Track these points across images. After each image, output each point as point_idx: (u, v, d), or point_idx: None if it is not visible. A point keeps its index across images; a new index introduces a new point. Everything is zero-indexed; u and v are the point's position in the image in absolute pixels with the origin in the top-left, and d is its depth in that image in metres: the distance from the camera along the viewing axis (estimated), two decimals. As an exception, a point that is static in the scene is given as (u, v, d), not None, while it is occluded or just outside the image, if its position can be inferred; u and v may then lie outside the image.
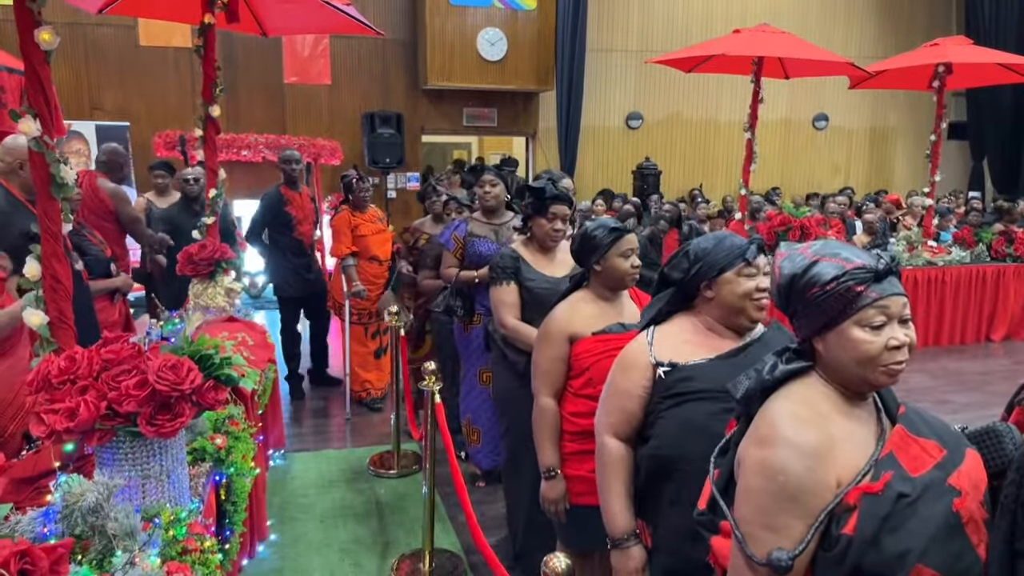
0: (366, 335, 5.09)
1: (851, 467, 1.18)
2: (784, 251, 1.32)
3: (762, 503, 1.18)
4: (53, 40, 2.08)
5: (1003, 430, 1.31)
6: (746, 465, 1.23)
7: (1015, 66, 6.92)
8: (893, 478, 1.16)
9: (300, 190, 5.20)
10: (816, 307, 1.22)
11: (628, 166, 10.72)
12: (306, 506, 3.68)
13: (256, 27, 4.06)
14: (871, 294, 1.19)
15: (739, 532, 1.21)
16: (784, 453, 1.17)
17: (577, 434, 2.19)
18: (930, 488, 1.16)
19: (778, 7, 10.96)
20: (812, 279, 1.22)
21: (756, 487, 1.20)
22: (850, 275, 1.19)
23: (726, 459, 1.33)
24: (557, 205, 2.87)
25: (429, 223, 4.72)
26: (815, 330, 1.25)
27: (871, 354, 1.18)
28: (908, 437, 1.22)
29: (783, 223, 6.51)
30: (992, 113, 11.35)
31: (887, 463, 1.18)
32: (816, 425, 1.20)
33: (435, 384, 2.84)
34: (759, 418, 1.26)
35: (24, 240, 2.75)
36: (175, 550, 1.58)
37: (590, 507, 2.10)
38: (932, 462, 1.19)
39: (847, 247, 1.26)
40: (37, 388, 1.61)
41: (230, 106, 8.38)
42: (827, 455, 1.17)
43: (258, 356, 3.25)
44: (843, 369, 1.22)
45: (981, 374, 6.20)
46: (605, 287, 2.29)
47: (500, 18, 9.29)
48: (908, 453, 1.20)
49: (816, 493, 1.16)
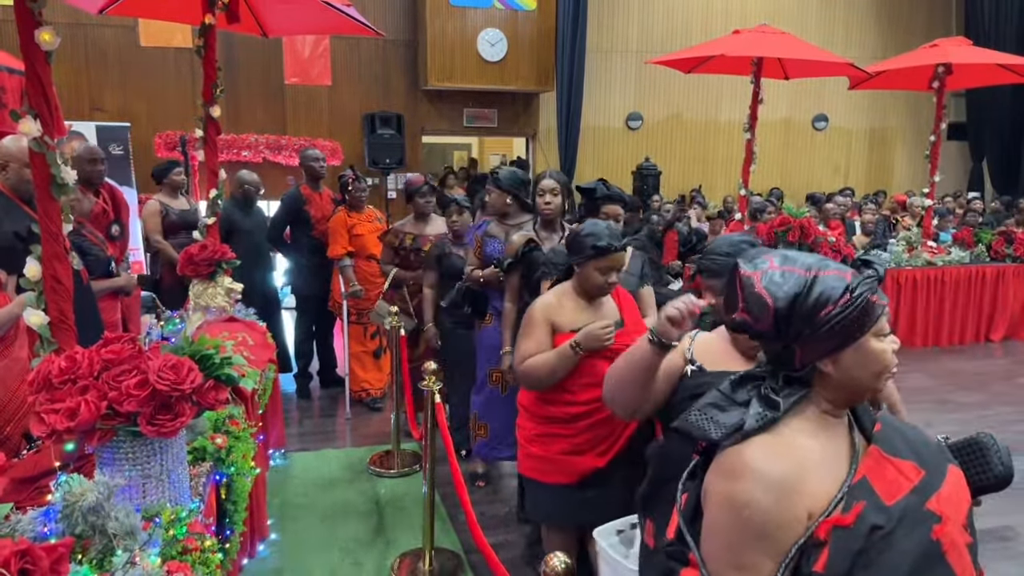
0: (365, 335, 5.10)
1: (822, 495, 1.09)
2: (750, 271, 1.15)
3: (728, 539, 1.10)
4: (54, 40, 2.09)
5: (987, 443, 1.25)
6: (711, 499, 1.14)
7: (1015, 67, 6.92)
8: (866, 509, 1.07)
9: (321, 190, 5.26)
10: (833, 327, 1.09)
11: (628, 167, 10.72)
12: (306, 505, 3.69)
13: (256, 28, 4.06)
14: (880, 301, 1.11)
15: (704, 570, 1.13)
16: (750, 486, 1.08)
17: (545, 418, 2.38)
18: (907, 516, 1.08)
19: (778, 7, 10.96)
20: (822, 297, 1.09)
21: (721, 523, 1.11)
22: (863, 286, 1.10)
23: (694, 484, 1.24)
24: (609, 206, 2.90)
25: (411, 223, 4.63)
26: (827, 352, 1.12)
27: (888, 363, 1.12)
28: (883, 458, 1.13)
29: (783, 223, 6.51)
30: (992, 114, 11.35)
31: (860, 491, 1.09)
32: (787, 456, 1.10)
33: (435, 384, 2.84)
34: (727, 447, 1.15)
35: (16, 240, 2.76)
36: (175, 549, 1.58)
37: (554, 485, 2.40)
38: (909, 486, 1.11)
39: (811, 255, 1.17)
40: (38, 388, 1.61)
41: (231, 107, 8.39)
42: (796, 486, 1.08)
43: (258, 356, 3.25)
44: (856, 384, 1.13)
45: (980, 374, 6.20)
46: (586, 284, 2.38)
47: (500, 19, 9.30)
48: (883, 478, 1.11)
49: (785, 527, 1.07)
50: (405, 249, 4.54)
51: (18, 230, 2.81)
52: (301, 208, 5.13)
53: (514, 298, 3.30)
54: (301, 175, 5.63)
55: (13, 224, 2.86)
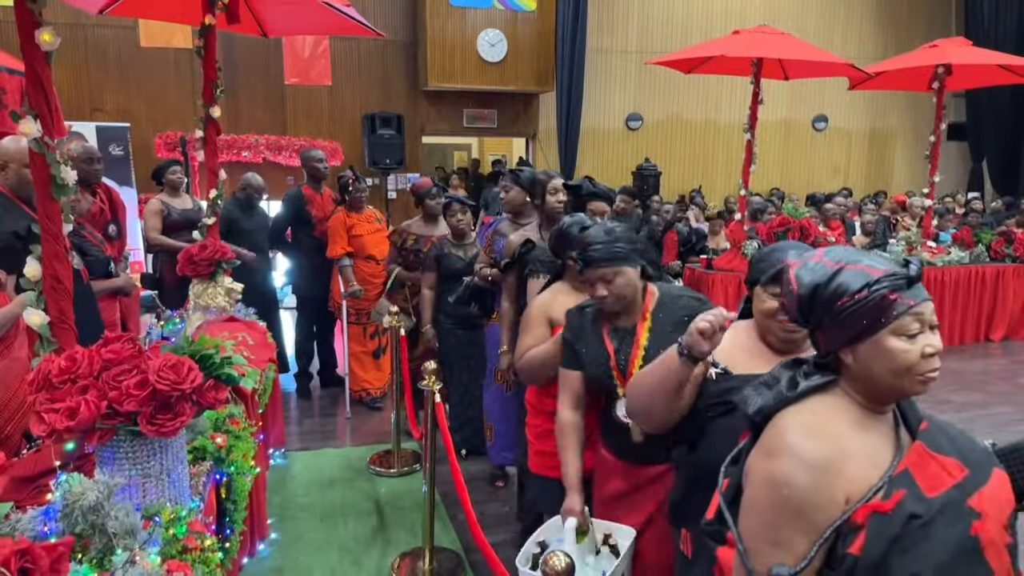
0: (364, 335, 5.10)
1: (863, 483, 1.12)
2: (796, 260, 1.24)
3: (766, 517, 1.15)
4: (54, 41, 2.09)
5: None
6: (752, 477, 1.19)
7: (1014, 67, 6.92)
8: (906, 497, 1.10)
9: (323, 191, 5.27)
10: (847, 318, 1.14)
11: (628, 167, 10.72)
12: (306, 505, 3.69)
13: (256, 28, 4.06)
14: (906, 301, 1.13)
15: (741, 545, 1.17)
16: (790, 465, 1.12)
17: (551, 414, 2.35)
18: (947, 509, 1.10)
19: (778, 8, 10.97)
20: (840, 288, 1.15)
21: (760, 500, 1.16)
22: (883, 283, 1.13)
23: (736, 469, 1.28)
24: (595, 202, 2.91)
25: (418, 223, 4.66)
26: (844, 342, 1.17)
27: (909, 363, 1.13)
28: (927, 454, 1.15)
29: (783, 223, 6.51)
30: (992, 114, 11.35)
31: (901, 481, 1.12)
32: (827, 437, 1.14)
33: (435, 384, 2.85)
34: (769, 429, 1.20)
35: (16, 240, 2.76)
36: (175, 548, 1.59)
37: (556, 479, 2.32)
38: (952, 481, 1.13)
39: (865, 253, 1.21)
40: (38, 387, 1.61)
41: (231, 107, 8.39)
42: (836, 469, 1.11)
43: (258, 356, 3.26)
44: (876, 380, 1.16)
45: (981, 374, 6.21)
46: (577, 280, 2.37)
47: (500, 19, 9.30)
48: (925, 471, 1.13)
49: (822, 508, 1.10)
50: (407, 249, 4.57)
51: (18, 230, 2.81)
52: (303, 208, 5.14)
53: (512, 298, 3.31)
54: (301, 175, 5.63)
55: (13, 224, 2.87)
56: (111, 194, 4.30)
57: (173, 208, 4.96)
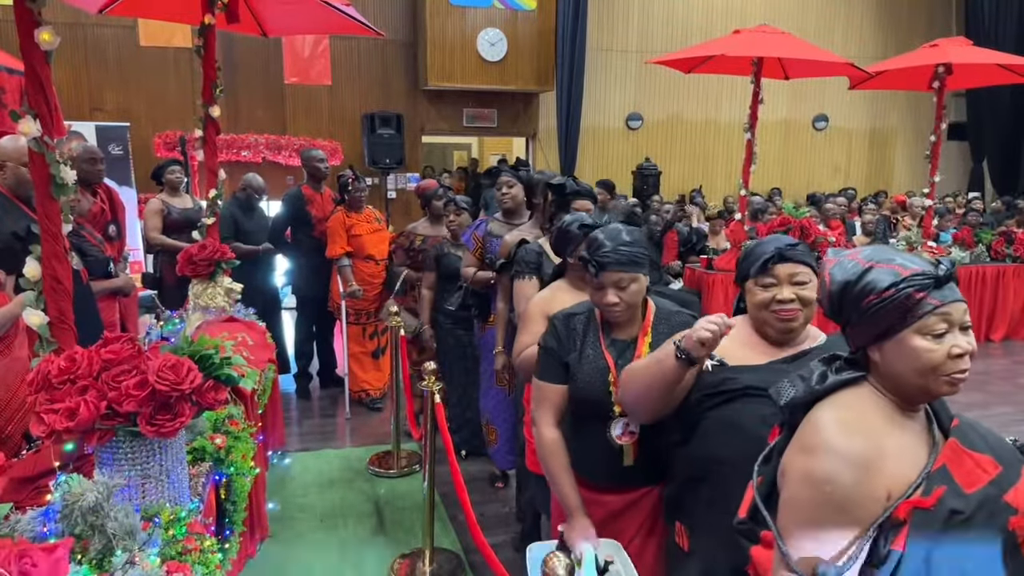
0: (364, 335, 5.10)
1: (902, 479, 1.13)
2: (833, 257, 1.26)
3: (808, 514, 1.14)
4: (53, 40, 2.08)
5: None
6: (790, 474, 1.18)
7: (1015, 67, 6.91)
8: (946, 494, 1.10)
9: (323, 190, 5.26)
10: (873, 315, 1.16)
11: (628, 167, 10.72)
12: (306, 506, 3.69)
13: (256, 27, 4.06)
14: (932, 301, 1.13)
15: (783, 544, 1.16)
16: (831, 462, 1.12)
17: None
18: (985, 505, 1.11)
19: (778, 7, 10.96)
20: (868, 286, 1.17)
21: (801, 497, 1.15)
22: (909, 282, 1.14)
23: (769, 467, 1.28)
24: (579, 201, 2.91)
25: (424, 224, 4.69)
26: (871, 339, 1.19)
27: (934, 363, 1.13)
28: (962, 451, 1.16)
29: (783, 223, 6.51)
30: (992, 114, 11.35)
31: (940, 477, 1.13)
32: (865, 434, 1.14)
33: (435, 384, 2.84)
34: (805, 425, 1.20)
35: (15, 240, 2.75)
36: (175, 549, 1.58)
37: None
38: (987, 478, 1.13)
39: (901, 253, 1.21)
40: (37, 388, 1.61)
41: (230, 107, 8.39)
42: (876, 465, 1.12)
43: (258, 356, 3.25)
44: (901, 379, 1.17)
45: (981, 374, 6.19)
46: (579, 278, 2.34)
47: (500, 19, 9.30)
48: (962, 468, 1.14)
49: (864, 505, 1.11)
50: (415, 250, 4.61)
51: (17, 230, 2.81)
52: (302, 208, 5.14)
53: (507, 298, 3.30)
54: (301, 175, 5.62)
55: (12, 224, 2.86)
56: (111, 194, 4.29)
57: (173, 208, 4.96)
